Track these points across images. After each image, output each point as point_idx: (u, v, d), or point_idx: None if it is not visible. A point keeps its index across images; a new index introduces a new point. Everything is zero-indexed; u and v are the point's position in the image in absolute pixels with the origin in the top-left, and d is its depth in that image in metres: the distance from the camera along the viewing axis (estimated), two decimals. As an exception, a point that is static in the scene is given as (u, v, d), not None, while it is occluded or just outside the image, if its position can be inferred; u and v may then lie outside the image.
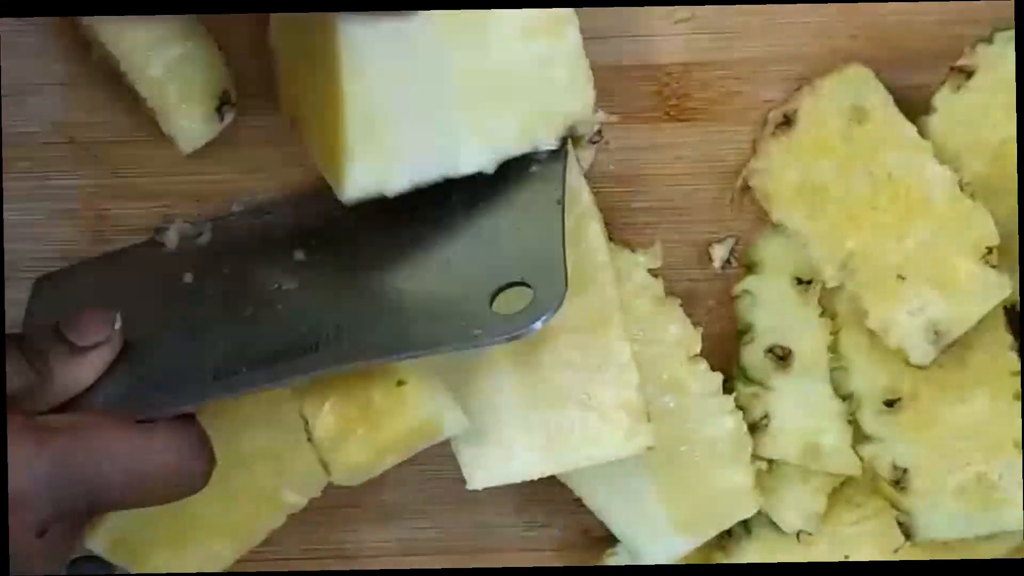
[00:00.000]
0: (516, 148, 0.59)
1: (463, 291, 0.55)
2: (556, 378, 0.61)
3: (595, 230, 0.62)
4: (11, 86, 0.62)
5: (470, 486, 0.61)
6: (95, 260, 0.64)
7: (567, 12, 0.59)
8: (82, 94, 0.63)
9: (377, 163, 0.57)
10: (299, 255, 0.60)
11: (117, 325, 0.56)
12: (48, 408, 0.54)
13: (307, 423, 0.60)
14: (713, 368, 0.64)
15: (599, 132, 0.64)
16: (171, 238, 0.64)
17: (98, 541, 0.62)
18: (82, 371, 0.55)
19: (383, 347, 0.55)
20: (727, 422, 0.64)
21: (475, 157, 0.59)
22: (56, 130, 0.63)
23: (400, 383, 0.58)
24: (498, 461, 0.61)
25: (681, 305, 0.65)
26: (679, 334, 0.64)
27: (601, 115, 0.62)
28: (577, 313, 0.60)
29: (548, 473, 0.60)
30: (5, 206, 0.63)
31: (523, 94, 0.59)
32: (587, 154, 0.64)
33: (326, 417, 0.59)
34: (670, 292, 0.65)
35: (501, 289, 0.54)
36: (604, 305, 0.61)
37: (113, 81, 0.62)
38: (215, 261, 0.62)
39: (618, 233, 0.65)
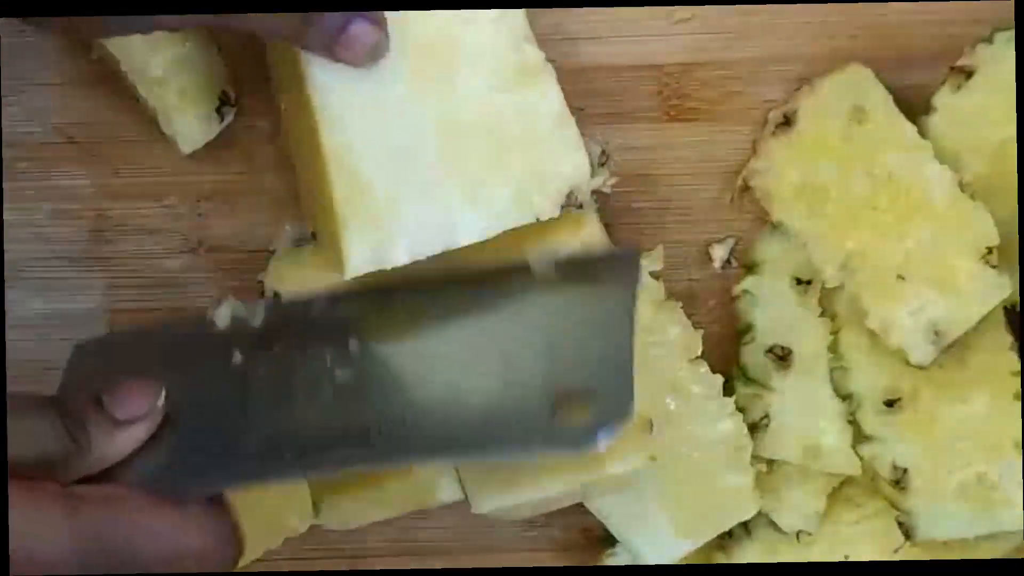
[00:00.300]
0: (514, 218, 0.59)
1: (523, 395, 0.53)
2: None
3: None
4: (11, 86, 0.63)
5: (475, 510, 0.60)
6: (138, 330, 0.63)
7: (539, 63, 0.59)
8: (82, 94, 0.63)
9: (373, 234, 0.58)
10: (353, 345, 0.58)
11: (160, 401, 0.55)
12: (81, 476, 0.53)
13: None
14: (713, 368, 0.64)
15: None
16: (222, 316, 0.61)
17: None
18: (120, 443, 0.53)
19: (434, 448, 0.53)
20: (727, 424, 0.64)
21: (472, 226, 0.59)
22: (56, 130, 0.64)
23: None
24: (504, 483, 0.60)
25: (681, 305, 0.65)
26: (680, 336, 0.64)
27: (599, 179, 0.62)
28: None
29: (555, 493, 0.59)
30: (5, 206, 0.63)
31: (510, 155, 0.59)
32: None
33: None
34: (670, 292, 0.65)
35: (562, 398, 0.52)
36: None
37: (113, 81, 0.62)
38: (266, 343, 0.59)
39: (618, 233, 0.65)
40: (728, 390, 0.65)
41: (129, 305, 0.66)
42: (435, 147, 0.58)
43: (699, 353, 0.64)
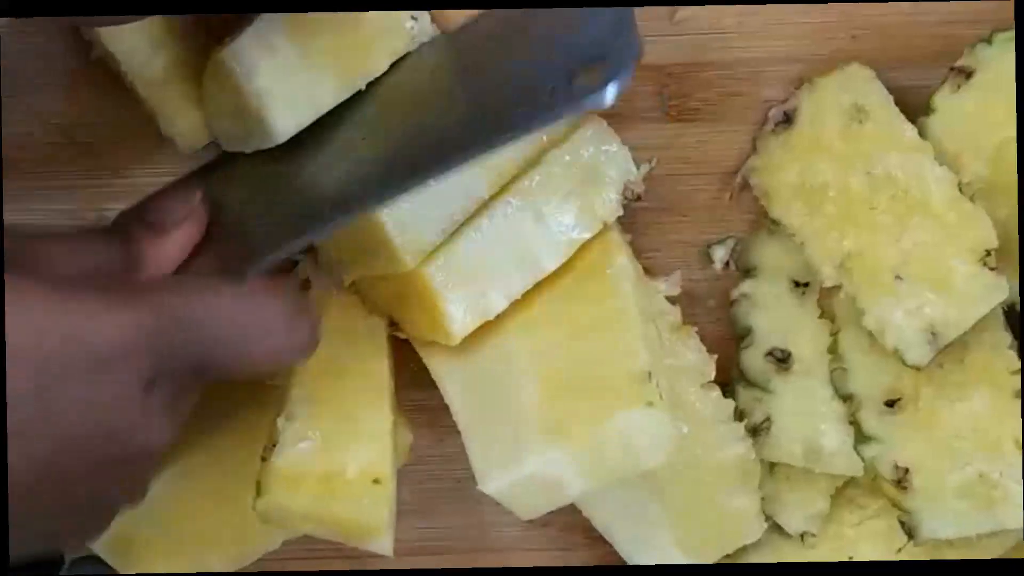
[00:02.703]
0: (585, 229, 0.62)
1: (540, 75, 0.54)
2: (569, 374, 0.61)
3: (622, 261, 0.63)
4: (11, 86, 0.63)
5: (482, 488, 0.60)
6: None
7: None
8: (82, 94, 0.63)
9: (468, 295, 0.61)
10: (359, 114, 0.59)
11: (197, 200, 0.57)
12: None
13: (273, 443, 0.60)
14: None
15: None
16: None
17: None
18: (169, 250, 0.55)
19: (467, 142, 0.54)
20: (737, 448, 0.65)
21: (552, 251, 0.62)
22: (56, 130, 0.64)
23: (376, 481, 0.59)
24: (510, 457, 0.60)
25: (681, 306, 0.66)
26: (694, 360, 0.65)
27: (645, 168, 0.64)
28: (592, 317, 0.62)
29: (560, 462, 0.59)
30: (5, 206, 0.63)
31: (558, 174, 0.62)
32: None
33: (294, 452, 0.60)
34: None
35: (577, 69, 0.52)
36: (618, 307, 0.61)
37: (113, 81, 0.62)
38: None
39: (618, 234, 0.65)
40: (728, 393, 0.66)
41: (129, 305, 0.66)
42: (484, 187, 0.61)
43: (712, 378, 0.65)
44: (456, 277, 0.61)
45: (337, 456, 0.60)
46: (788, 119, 0.64)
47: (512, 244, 0.61)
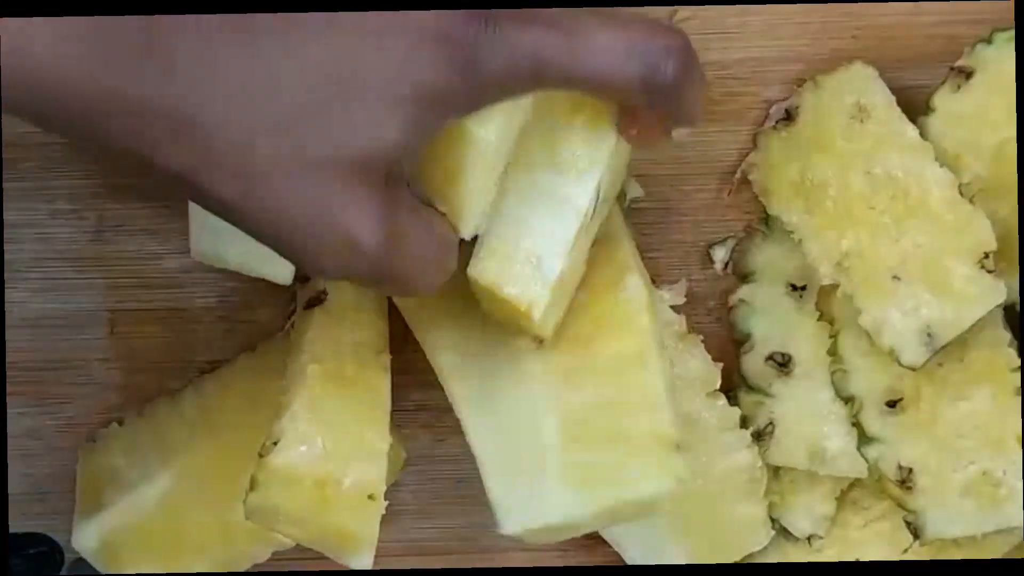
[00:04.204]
0: None
1: None
2: (592, 418, 0.60)
3: (635, 281, 0.62)
4: None
5: (503, 530, 0.59)
6: None
7: None
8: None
9: None
10: None
11: None
12: None
13: (274, 441, 0.59)
14: (712, 368, 0.66)
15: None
16: None
17: (85, 542, 0.65)
18: None
19: None
20: (744, 456, 0.66)
21: None
22: (57, 131, 0.65)
23: (371, 497, 0.59)
24: (532, 503, 0.59)
25: (682, 306, 0.66)
26: (699, 369, 0.66)
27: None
28: (612, 355, 0.61)
29: (582, 516, 0.59)
30: (5, 206, 0.64)
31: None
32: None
33: (294, 453, 0.59)
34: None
35: None
36: (640, 347, 0.61)
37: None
38: None
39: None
40: (732, 399, 0.66)
41: (129, 305, 0.67)
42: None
43: (717, 387, 0.66)
44: (503, 261, 0.58)
45: (336, 466, 0.59)
46: (790, 116, 0.65)
47: (537, 200, 0.59)
